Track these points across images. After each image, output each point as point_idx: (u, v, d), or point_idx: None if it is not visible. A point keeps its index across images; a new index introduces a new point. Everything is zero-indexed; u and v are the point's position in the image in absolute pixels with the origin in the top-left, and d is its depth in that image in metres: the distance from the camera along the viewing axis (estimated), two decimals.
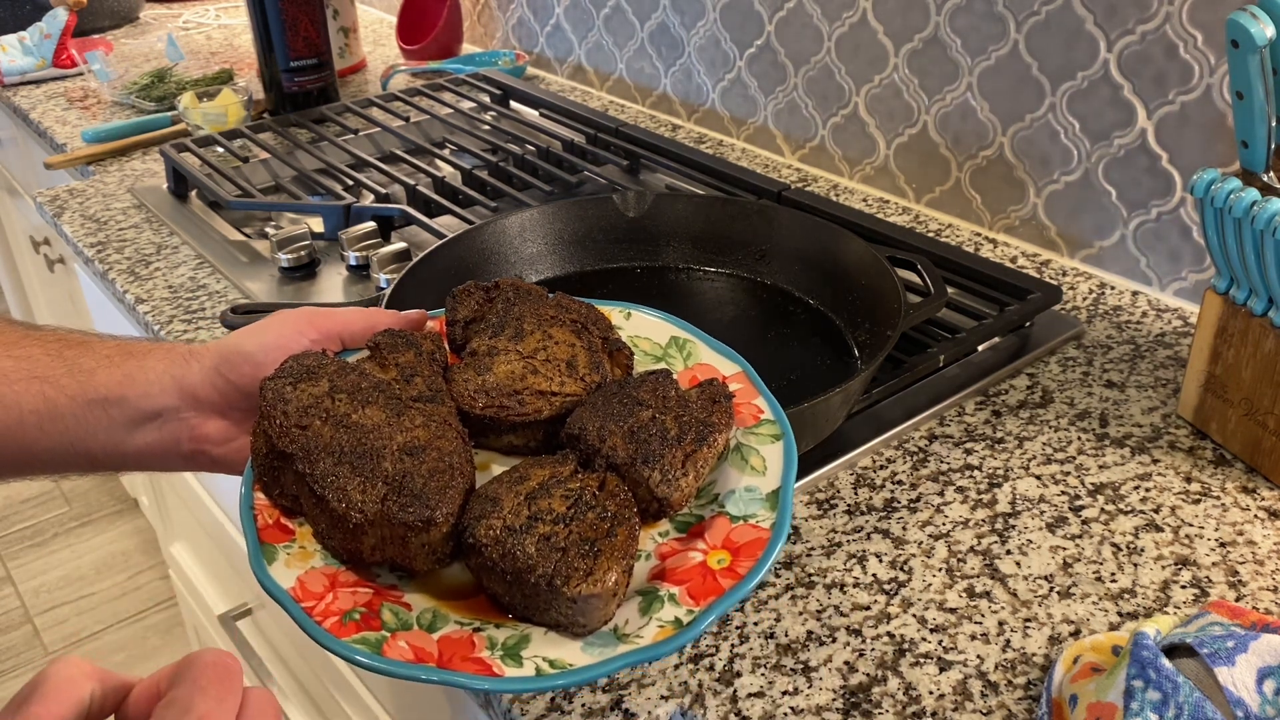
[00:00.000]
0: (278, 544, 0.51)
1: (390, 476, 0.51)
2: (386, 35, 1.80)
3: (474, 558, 0.50)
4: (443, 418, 0.55)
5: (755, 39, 1.24)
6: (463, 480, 0.52)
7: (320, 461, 0.51)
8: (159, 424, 0.57)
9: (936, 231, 1.08)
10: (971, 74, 1.03)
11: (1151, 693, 0.50)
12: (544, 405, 0.57)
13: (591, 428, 0.55)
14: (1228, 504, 0.71)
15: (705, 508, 0.55)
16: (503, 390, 0.57)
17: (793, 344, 0.83)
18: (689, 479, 0.54)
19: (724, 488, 0.55)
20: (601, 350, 0.61)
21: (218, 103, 1.32)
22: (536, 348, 0.60)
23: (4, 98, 1.57)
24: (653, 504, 0.54)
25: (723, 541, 0.52)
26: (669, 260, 0.92)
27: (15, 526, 2.20)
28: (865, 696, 0.58)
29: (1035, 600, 0.64)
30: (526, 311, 0.62)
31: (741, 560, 0.50)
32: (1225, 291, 0.73)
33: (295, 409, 0.53)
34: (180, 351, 0.59)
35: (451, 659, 0.46)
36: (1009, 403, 0.81)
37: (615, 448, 0.53)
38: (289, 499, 0.53)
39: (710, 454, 0.55)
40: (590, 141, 1.26)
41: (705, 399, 0.57)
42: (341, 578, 0.50)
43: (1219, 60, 0.86)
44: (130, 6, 1.88)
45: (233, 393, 0.57)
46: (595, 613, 0.48)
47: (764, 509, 0.53)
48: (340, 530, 0.50)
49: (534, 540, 0.49)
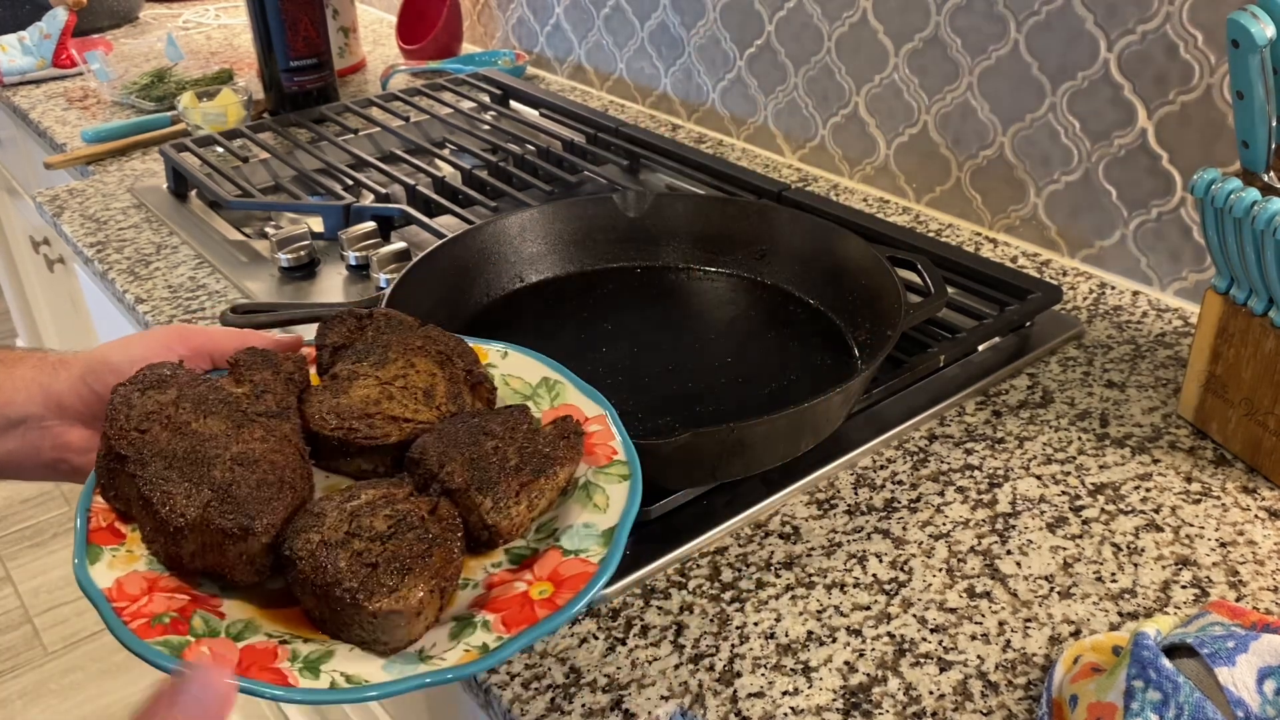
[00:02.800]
0: (105, 545, 0.52)
1: (218, 484, 0.51)
2: (386, 35, 1.80)
3: (290, 570, 0.50)
4: (284, 434, 0.55)
5: (755, 39, 1.24)
6: (291, 494, 0.52)
7: (151, 464, 0.51)
8: (22, 431, 0.58)
9: (937, 231, 1.08)
10: (972, 74, 1.03)
11: (1152, 693, 0.50)
12: (394, 430, 0.57)
13: (433, 453, 0.54)
14: (1228, 504, 0.71)
15: (541, 541, 0.55)
16: (355, 413, 0.57)
17: (793, 344, 0.83)
18: (521, 508, 0.54)
19: (563, 523, 0.55)
20: (464, 383, 0.61)
21: (218, 103, 1.32)
22: (396, 375, 0.60)
23: (4, 98, 1.57)
24: (484, 532, 0.53)
25: (549, 574, 0.52)
26: (669, 260, 0.92)
27: (15, 526, 2.20)
28: (865, 696, 0.58)
29: (1035, 600, 0.64)
30: (394, 340, 0.62)
31: (563, 592, 0.50)
32: (1225, 291, 0.73)
33: (138, 414, 0.53)
34: (50, 361, 0.60)
35: (250, 667, 0.47)
36: (1009, 403, 0.81)
37: (453, 474, 0.53)
38: (123, 502, 0.53)
39: (548, 486, 0.55)
40: (590, 141, 1.26)
41: (556, 434, 0.57)
42: (162, 583, 0.51)
43: (1219, 60, 0.86)
44: (130, 6, 1.88)
45: (96, 402, 0.58)
46: (397, 630, 0.48)
47: (597, 545, 0.52)
48: (163, 534, 0.50)
49: (347, 555, 0.49)
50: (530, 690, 0.59)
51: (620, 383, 0.77)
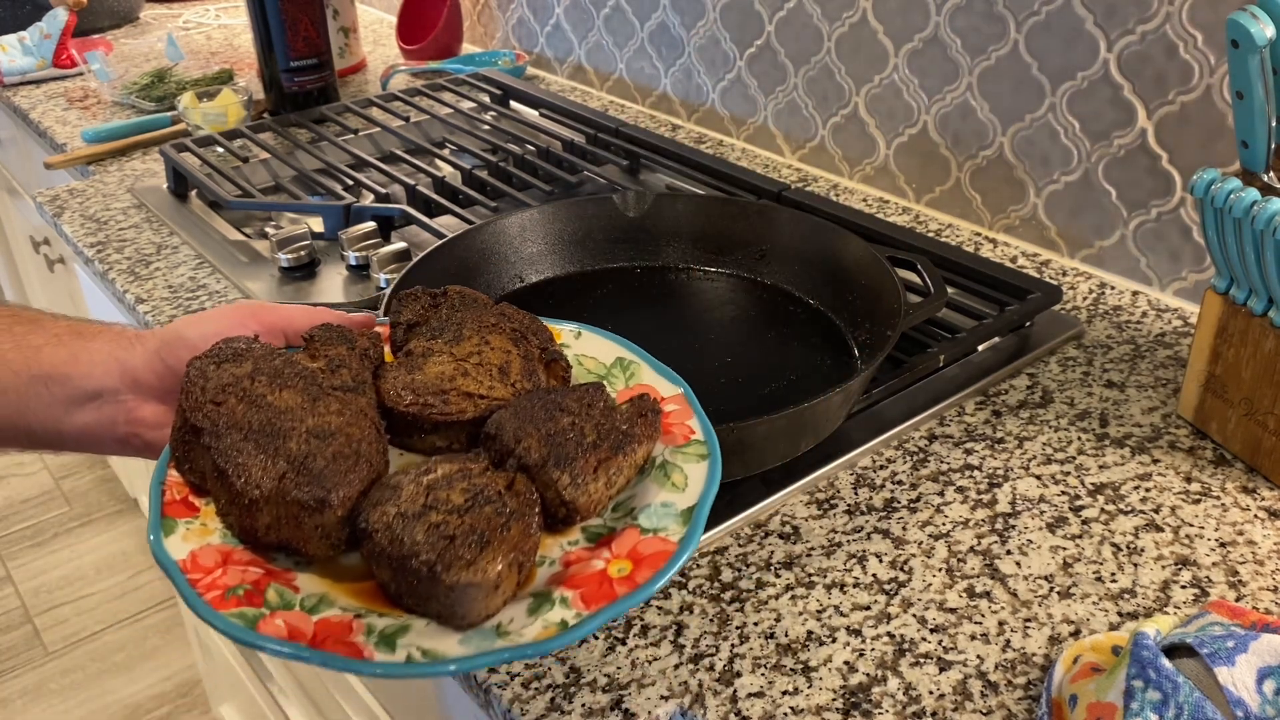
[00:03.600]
0: (180, 518, 0.52)
1: (293, 456, 0.51)
2: (386, 35, 1.80)
3: (366, 543, 0.50)
4: (360, 408, 0.55)
5: (755, 39, 1.24)
6: (367, 468, 0.52)
7: (226, 436, 0.51)
8: (98, 404, 0.58)
9: (936, 231, 1.08)
10: (971, 74, 1.04)
11: (1151, 693, 0.50)
12: (469, 406, 0.57)
13: (509, 428, 0.54)
14: (1228, 504, 0.71)
15: (619, 520, 0.54)
16: (430, 389, 0.57)
17: (793, 344, 0.83)
18: (599, 485, 0.53)
19: (641, 502, 0.54)
20: (538, 360, 0.61)
21: (218, 103, 1.32)
22: (471, 352, 0.60)
23: (4, 98, 1.57)
24: (561, 509, 0.53)
25: (628, 552, 0.51)
26: (669, 260, 0.92)
27: (15, 526, 2.20)
28: (865, 696, 0.58)
29: (1035, 600, 0.64)
30: (469, 318, 0.62)
31: (642, 570, 0.50)
32: (1225, 291, 0.73)
33: (214, 386, 0.53)
34: (127, 335, 0.60)
35: (325, 641, 0.46)
36: (1009, 403, 0.81)
37: (530, 449, 0.53)
38: (198, 475, 0.53)
39: (626, 463, 0.54)
40: (590, 141, 1.26)
41: (633, 412, 0.56)
42: (236, 556, 0.51)
43: (1219, 60, 0.86)
44: (130, 6, 1.88)
45: (170, 377, 0.58)
46: (474, 604, 0.47)
47: (676, 524, 0.52)
48: (238, 507, 0.50)
49: (424, 527, 0.48)
50: (530, 690, 0.59)
51: None
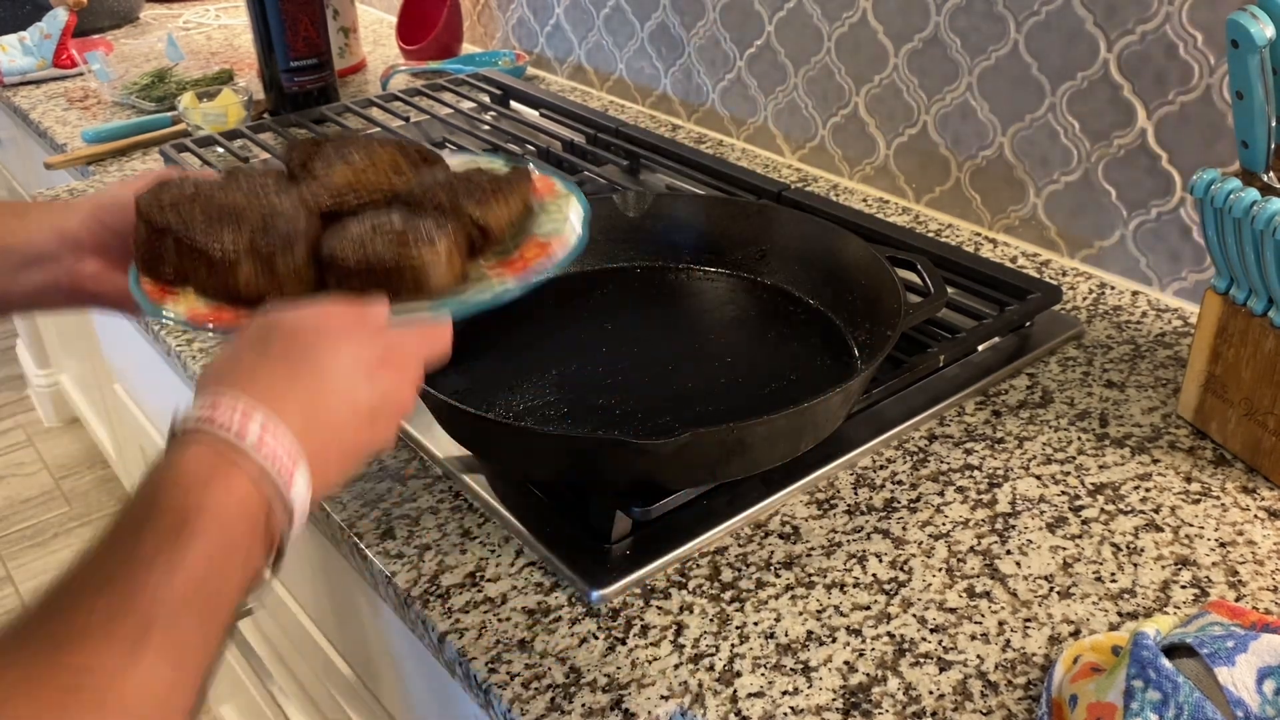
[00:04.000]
0: (164, 302, 0.61)
1: (255, 225, 0.60)
2: (386, 35, 1.80)
3: (333, 271, 0.60)
4: (296, 197, 0.64)
5: (755, 39, 1.24)
6: (316, 225, 0.62)
7: (194, 225, 0.60)
8: (41, 267, 0.66)
9: (936, 231, 1.08)
10: (971, 74, 1.04)
11: (1151, 693, 0.50)
12: (379, 196, 0.66)
13: (418, 192, 0.65)
14: (1228, 504, 0.71)
15: (519, 239, 0.67)
16: (340, 190, 0.66)
17: (793, 344, 0.83)
18: (500, 210, 0.65)
19: (534, 228, 0.68)
20: (419, 160, 0.71)
21: (218, 103, 1.32)
22: (364, 164, 0.69)
23: (4, 98, 1.57)
24: (476, 232, 0.64)
25: (536, 249, 0.65)
26: (669, 260, 0.92)
27: (15, 526, 2.20)
28: (865, 696, 0.58)
29: (1035, 600, 0.64)
30: (351, 146, 0.71)
31: (554, 250, 0.64)
32: (1225, 291, 0.73)
33: (169, 199, 0.62)
34: (58, 205, 0.68)
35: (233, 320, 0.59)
36: (1009, 403, 0.81)
37: (439, 196, 0.64)
38: (171, 268, 0.61)
39: (515, 193, 0.67)
40: (590, 141, 1.26)
41: (509, 170, 0.70)
42: (222, 313, 0.60)
43: (1219, 60, 0.86)
44: (130, 6, 1.88)
45: (106, 234, 0.66)
46: (435, 274, 0.59)
47: (567, 228, 0.67)
48: (218, 272, 0.59)
49: (380, 239, 0.59)
50: (530, 690, 0.59)
51: (620, 382, 0.77)
